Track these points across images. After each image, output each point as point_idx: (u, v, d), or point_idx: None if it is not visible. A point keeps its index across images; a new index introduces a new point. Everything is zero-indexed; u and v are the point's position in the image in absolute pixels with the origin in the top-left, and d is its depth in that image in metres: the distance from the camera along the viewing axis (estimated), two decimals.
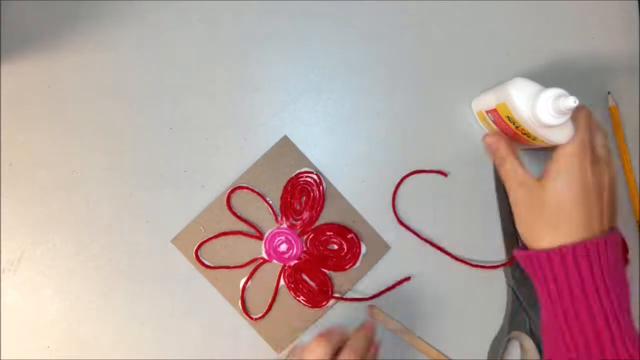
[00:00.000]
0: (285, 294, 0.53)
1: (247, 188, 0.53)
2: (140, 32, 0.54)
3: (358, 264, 0.53)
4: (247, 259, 0.53)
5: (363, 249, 0.53)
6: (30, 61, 0.54)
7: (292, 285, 0.53)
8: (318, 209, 0.53)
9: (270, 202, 0.53)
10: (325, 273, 0.53)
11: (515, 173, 0.45)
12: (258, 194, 0.53)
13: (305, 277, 0.53)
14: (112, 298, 0.53)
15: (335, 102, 0.55)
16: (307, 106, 0.55)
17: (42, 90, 0.54)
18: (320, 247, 0.53)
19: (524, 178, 0.44)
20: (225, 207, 0.53)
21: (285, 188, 0.53)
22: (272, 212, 0.53)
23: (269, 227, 0.53)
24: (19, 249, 0.53)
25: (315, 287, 0.52)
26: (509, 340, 0.53)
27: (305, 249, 0.53)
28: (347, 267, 0.53)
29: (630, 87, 0.56)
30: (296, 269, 0.53)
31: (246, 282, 0.53)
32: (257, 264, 0.53)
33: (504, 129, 0.49)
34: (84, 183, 0.53)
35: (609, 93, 0.55)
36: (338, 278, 0.53)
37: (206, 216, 0.53)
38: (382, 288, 0.53)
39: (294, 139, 0.54)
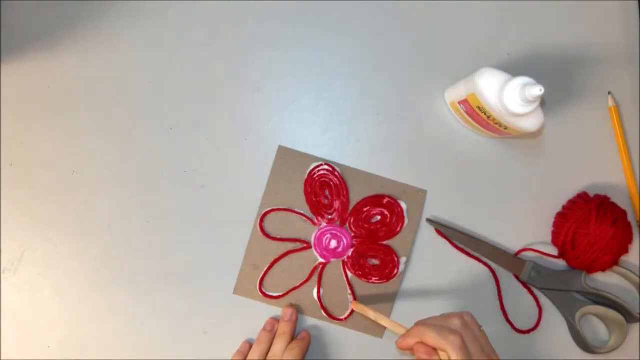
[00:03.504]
0: (358, 282, 0.53)
1: (272, 210, 0.53)
2: (140, 32, 0.54)
3: (407, 220, 0.53)
4: (308, 271, 0.53)
5: (403, 205, 0.53)
6: (30, 61, 0.54)
7: (360, 272, 0.53)
8: (344, 193, 0.53)
9: (300, 210, 0.53)
10: (382, 244, 0.53)
11: None
12: (285, 209, 0.53)
13: (368, 260, 0.53)
14: (112, 298, 0.53)
15: (335, 102, 0.55)
16: (307, 106, 0.55)
17: (42, 90, 0.54)
18: (365, 225, 0.53)
19: None
20: (263, 237, 0.53)
21: (305, 191, 0.53)
22: (306, 219, 0.53)
23: (311, 232, 0.53)
24: (19, 249, 0.53)
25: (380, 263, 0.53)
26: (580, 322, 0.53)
27: (352, 234, 0.53)
28: (398, 229, 0.53)
29: (630, 87, 0.56)
30: (355, 256, 0.53)
31: (318, 292, 0.53)
32: (318, 271, 0.53)
33: (476, 119, 0.50)
34: (84, 183, 0.53)
35: (609, 93, 0.55)
36: (397, 243, 0.53)
37: (250, 254, 0.53)
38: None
39: (294, 138, 0.54)
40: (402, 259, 0.53)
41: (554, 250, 0.54)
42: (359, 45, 0.55)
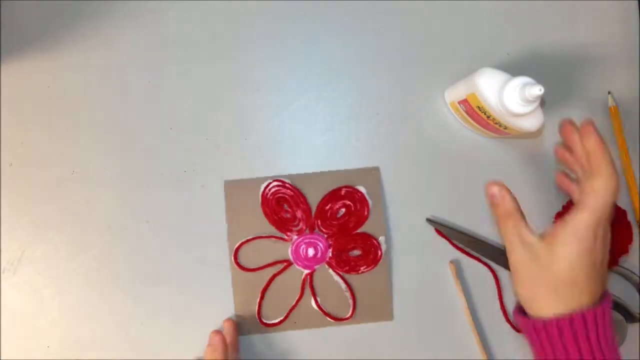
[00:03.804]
0: (349, 278, 0.53)
1: (242, 244, 0.53)
2: (140, 32, 0.54)
3: (370, 202, 0.53)
4: (299, 286, 0.53)
5: (362, 189, 0.53)
6: (30, 61, 0.54)
7: (347, 268, 0.53)
8: (302, 200, 0.53)
9: (267, 233, 0.53)
10: (357, 233, 0.53)
11: (520, 232, 0.41)
12: (253, 238, 0.53)
13: (351, 252, 0.53)
14: (112, 298, 0.53)
15: (335, 102, 0.55)
16: (307, 106, 0.55)
17: (42, 90, 0.54)
18: (334, 222, 0.53)
19: (530, 239, 0.40)
20: (243, 272, 0.53)
21: (265, 213, 0.53)
22: (277, 239, 0.53)
23: (286, 250, 0.53)
24: (19, 249, 0.53)
25: (362, 253, 0.53)
26: None
27: (325, 235, 0.53)
28: (366, 213, 0.53)
29: (630, 87, 0.56)
30: (337, 255, 0.53)
31: (316, 301, 0.53)
32: (308, 282, 0.53)
33: (476, 119, 0.50)
34: (84, 183, 0.53)
35: (609, 93, 0.55)
36: (370, 227, 0.53)
37: (238, 292, 0.53)
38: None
39: (294, 138, 0.54)
40: (381, 239, 0.53)
41: None
42: (358, 45, 0.55)
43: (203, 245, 0.53)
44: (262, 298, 0.53)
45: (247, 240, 0.53)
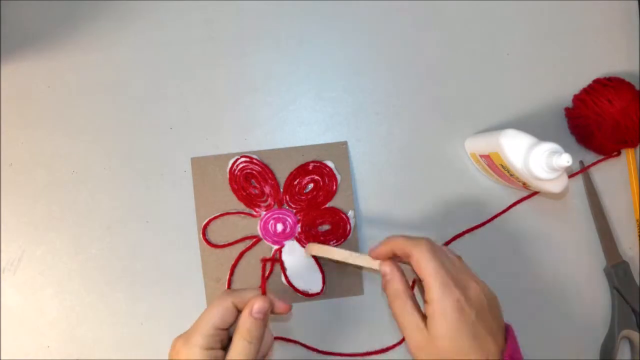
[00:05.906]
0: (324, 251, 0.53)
1: (210, 220, 0.53)
2: (140, 32, 0.54)
3: (339, 176, 0.53)
4: (266, 262, 0.53)
5: (330, 164, 0.53)
6: (30, 61, 0.54)
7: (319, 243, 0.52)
8: (270, 176, 0.53)
9: (236, 209, 0.53)
10: (326, 208, 0.53)
11: (405, 313, 0.41)
12: (221, 215, 0.53)
13: (320, 228, 0.53)
14: (112, 298, 0.53)
15: (335, 102, 0.55)
16: (307, 106, 0.55)
17: (42, 90, 0.54)
18: (302, 197, 0.53)
19: (413, 321, 0.41)
20: (211, 248, 0.53)
21: (233, 189, 0.53)
22: (245, 215, 0.53)
23: (255, 225, 0.53)
24: (19, 249, 0.53)
25: (331, 227, 0.53)
26: (620, 340, 0.52)
27: (294, 210, 0.53)
28: (335, 188, 0.53)
29: None
30: (306, 230, 0.53)
31: (286, 277, 0.52)
32: (278, 257, 0.53)
33: (499, 174, 0.49)
34: (84, 183, 0.53)
35: None
36: (339, 201, 0.53)
37: (208, 269, 0.53)
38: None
39: (294, 138, 0.54)
40: (350, 213, 0.53)
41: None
42: (359, 45, 0.55)
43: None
44: (231, 274, 0.53)
45: (215, 217, 0.53)
